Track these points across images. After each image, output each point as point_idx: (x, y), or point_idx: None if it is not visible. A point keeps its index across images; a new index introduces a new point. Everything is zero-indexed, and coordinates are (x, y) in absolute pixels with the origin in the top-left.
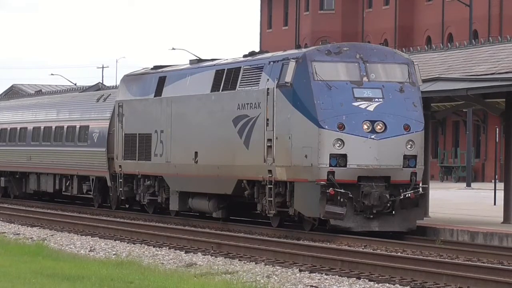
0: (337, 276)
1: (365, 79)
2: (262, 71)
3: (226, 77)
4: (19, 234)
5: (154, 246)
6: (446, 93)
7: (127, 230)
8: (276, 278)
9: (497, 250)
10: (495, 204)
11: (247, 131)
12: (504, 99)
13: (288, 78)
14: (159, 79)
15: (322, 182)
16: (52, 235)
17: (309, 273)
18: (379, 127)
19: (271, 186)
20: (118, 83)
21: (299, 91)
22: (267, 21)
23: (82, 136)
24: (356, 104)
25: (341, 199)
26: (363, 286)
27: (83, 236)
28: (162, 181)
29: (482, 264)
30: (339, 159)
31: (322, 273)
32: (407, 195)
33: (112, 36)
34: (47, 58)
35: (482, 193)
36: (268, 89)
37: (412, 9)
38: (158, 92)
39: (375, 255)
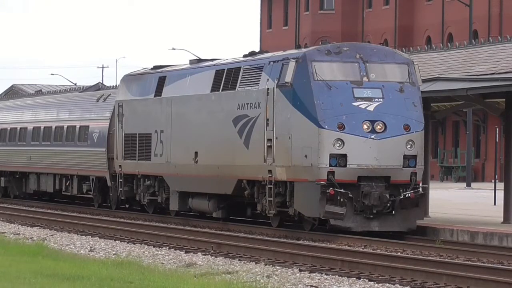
0: (337, 276)
1: (365, 79)
2: (262, 71)
3: (226, 77)
4: (19, 234)
5: (154, 246)
6: (446, 93)
7: (127, 230)
8: (276, 278)
9: (497, 250)
10: (495, 204)
11: (247, 131)
12: (504, 99)
13: (288, 78)
14: (159, 79)
15: (322, 182)
16: (52, 235)
17: (309, 273)
18: (379, 127)
19: (271, 186)
20: (118, 83)
21: (299, 91)
22: (267, 21)
23: (82, 136)
24: (356, 104)
25: (341, 199)
26: (363, 286)
27: (83, 236)
28: (162, 181)
29: (482, 264)
30: (339, 159)
31: (322, 273)
32: (407, 195)
33: (112, 36)
34: (47, 58)
35: (482, 193)
36: (268, 89)
37: (412, 9)
38: (158, 92)
39: (375, 255)
